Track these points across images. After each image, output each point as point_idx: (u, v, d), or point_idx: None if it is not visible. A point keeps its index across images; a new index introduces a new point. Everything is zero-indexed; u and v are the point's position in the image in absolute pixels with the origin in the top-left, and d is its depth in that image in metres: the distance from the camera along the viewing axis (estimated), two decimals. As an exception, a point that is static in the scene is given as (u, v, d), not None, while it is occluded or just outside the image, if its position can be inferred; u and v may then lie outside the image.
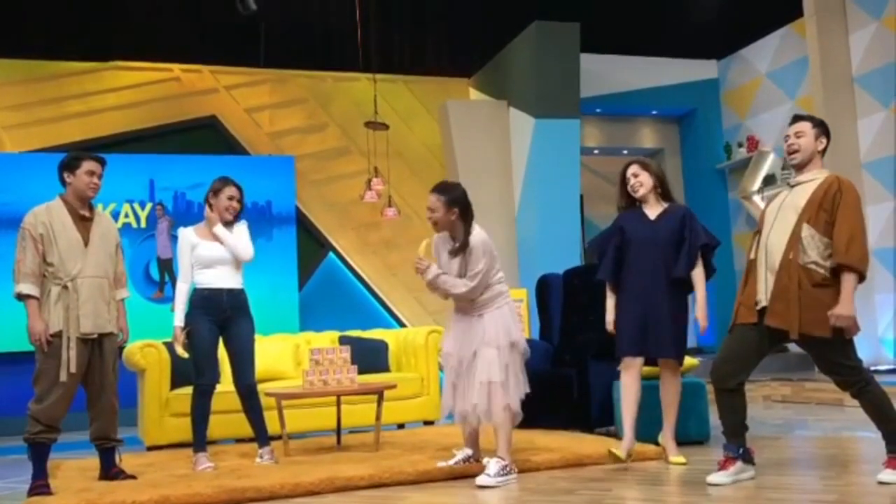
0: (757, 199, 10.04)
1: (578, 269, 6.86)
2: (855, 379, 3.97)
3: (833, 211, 3.80)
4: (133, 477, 4.55)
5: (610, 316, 4.64)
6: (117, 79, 9.69)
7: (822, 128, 4.02)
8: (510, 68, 9.97)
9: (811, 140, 3.98)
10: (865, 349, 8.42)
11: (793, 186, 4.02)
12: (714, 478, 3.89)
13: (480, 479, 4.17)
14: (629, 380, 4.53)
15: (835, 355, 3.96)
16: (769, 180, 9.88)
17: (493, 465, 4.21)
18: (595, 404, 5.63)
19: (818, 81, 8.74)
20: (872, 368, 8.16)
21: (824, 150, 4.02)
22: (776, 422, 6.47)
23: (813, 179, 3.94)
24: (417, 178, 10.39)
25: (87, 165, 4.41)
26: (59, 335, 4.23)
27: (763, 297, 3.93)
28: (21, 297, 4.26)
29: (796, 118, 4.11)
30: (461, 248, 4.47)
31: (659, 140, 11.14)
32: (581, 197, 9.55)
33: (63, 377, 4.19)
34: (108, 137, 9.48)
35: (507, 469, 4.23)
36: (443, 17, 10.33)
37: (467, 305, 4.46)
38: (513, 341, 4.36)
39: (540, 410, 5.89)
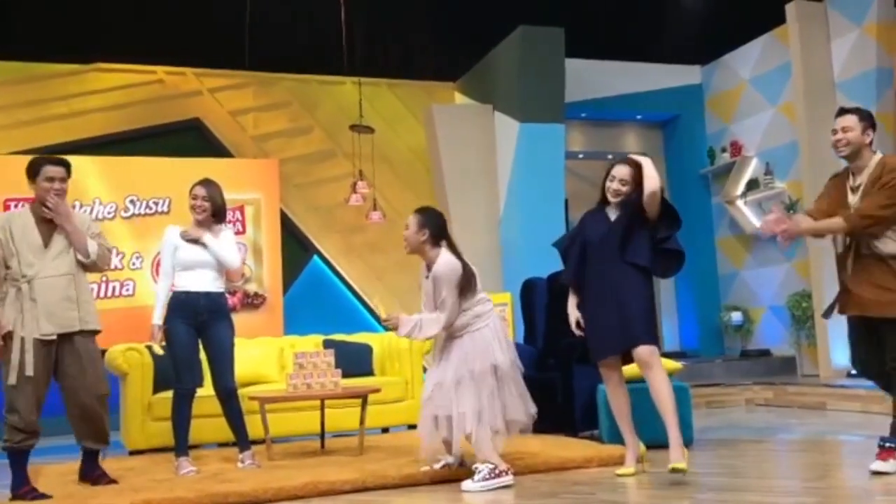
0: (740, 203, 10.10)
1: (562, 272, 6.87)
2: None
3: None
4: (114, 481, 4.51)
5: (572, 318, 4.49)
6: (100, 81, 9.62)
7: (869, 120, 4.11)
8: (495, 73, 9.99)
9: (858, 134, 4.07)
10: (846, 353, 8.47)
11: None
12: (874, 466, 3.92)
13: (465, 485, 4.16)
14: (611, 386, 4.46)
15: None
16: (752, 185, 9.94)
17: (480, 470, 4.18)
18: (579, 408, 5.65)
19: (800, 87, 8.81)
20: (853, 372, 8.21)
21: (871, 143, 4.12)
22: (759, 425, 6.50)
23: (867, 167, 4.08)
24: (402, 182, 10.38)
25: (46, 171, 4.36)
26: (9, 336, 4.19)
27: None
28: None
29: (842, 111, 4.18)
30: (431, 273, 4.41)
31: (643, 145, 11.19)
32: (566, 201, 9.57)
33: (12, 380, 4.13)
34: (91, 139, 9.40)
35: (496, 472, 4.15)
36: (428, 21, 10.32)
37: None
38: (494, 364, 4.24)
39: (524, 414, 5.92)
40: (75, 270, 4.42)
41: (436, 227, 4.47)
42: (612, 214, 4.48)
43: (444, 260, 4.39)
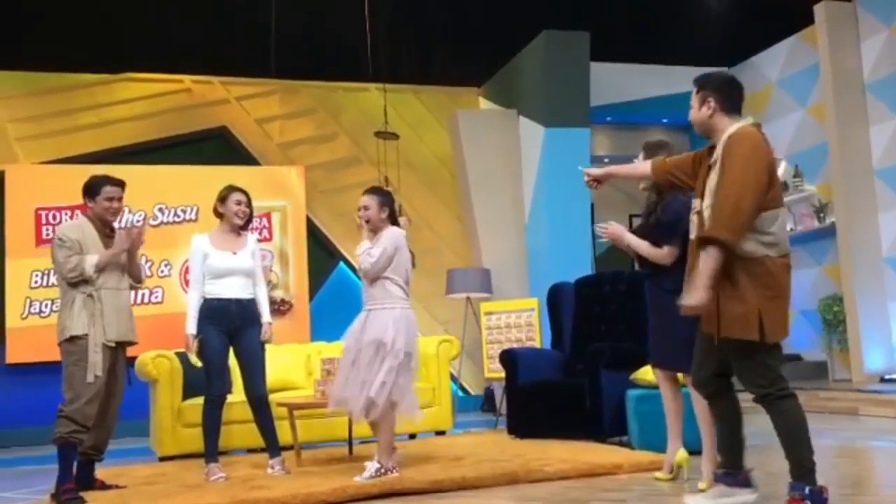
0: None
1: (590, 278, 6.85)
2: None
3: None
4: (121, 486, 4.63)
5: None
6: (129, 90, 9.74)
7: (705, 88, 3.51)
8: (520, 77, 9.98)
9: (696, 110, 3.56)
10: (879, 358, 8.37)
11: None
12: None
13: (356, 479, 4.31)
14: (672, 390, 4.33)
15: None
16: (781, 188, 9.83)
17: (368, 468, 4.39)
18: (607, 414, 5.60)
19: (829, 89, 8.71)
20: (886, 377, 8.10)
21: (716, 111, 3.46)
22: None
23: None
24: (428, 188, 10.39)
25: (107, 192, 4.62)
26: (84, 338, 4.39)
27: None
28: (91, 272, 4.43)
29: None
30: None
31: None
32: (592, 206, 9.53)
33: (90, 378, 4.35)
34: (120, 149, 9.52)
35: (382, 472, 4.39)
36: (452, 26, 10.33)
37: (366, 298, 4.66)
38: (395, 345, 4.46)
39: (552, 420, 5.90)
40: (126, 285, 4.68)
41: (392, 208, 4.83)
42: None
43: (396, 230, 4.74)
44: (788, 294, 3.39)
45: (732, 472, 3.49)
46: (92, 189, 4.63)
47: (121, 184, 4.70)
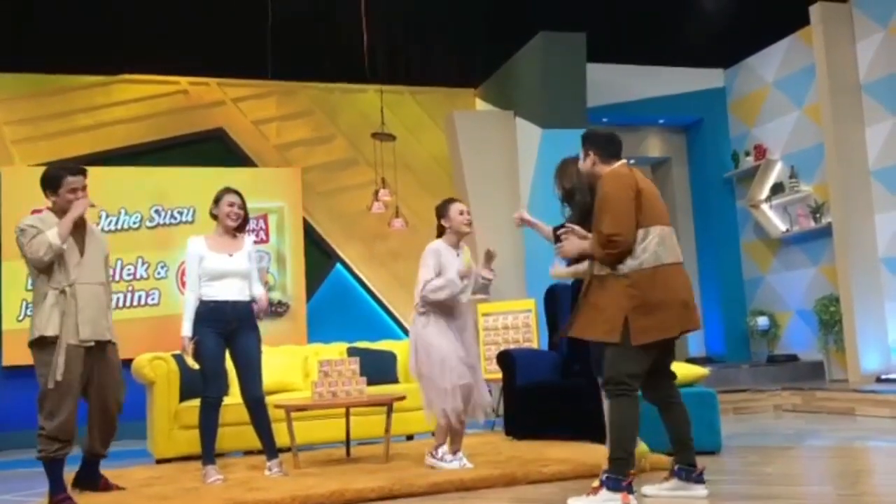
0: (765, 207, 10.02)
1: (587, 278, 6.83)
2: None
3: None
4: (122, 487, 4.59)
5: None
6: (125, 92, 9.73)
7: (586, 143, 4.11)
8: (517, 79, 9.98)
9: (581, 161, 4.13)
10: (875, 358, 8.38)
11: None
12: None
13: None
14: None
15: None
16: (777, 188, 9.85)
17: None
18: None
19: (825, 89, 8.72)
20: (883, 377, 8.11)
21: (594, 161, 4.03)
22: (787, 432, 6.43)
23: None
24: (425, 189, 10.39)
25: (70, 183, 4.32)
26: (54, 341, 4.16)
27: None
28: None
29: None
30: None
31: (666, 149, 11.13)
32: (588, 207, 9.52)
33: (50, 384, 4.11)
34: (116, 150, 9.51)
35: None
36: (448, 27, 10.33)
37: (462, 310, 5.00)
38: None
39: (549, 421, 5.90)
40: (105, 280, 4.49)
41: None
42: None
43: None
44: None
45: (687, 468, 3.87)
46: (52, 182, 4.33)
47: (82, 172, 4.39)
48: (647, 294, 3.71)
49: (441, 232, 4.99)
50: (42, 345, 4.19)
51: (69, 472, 4.44)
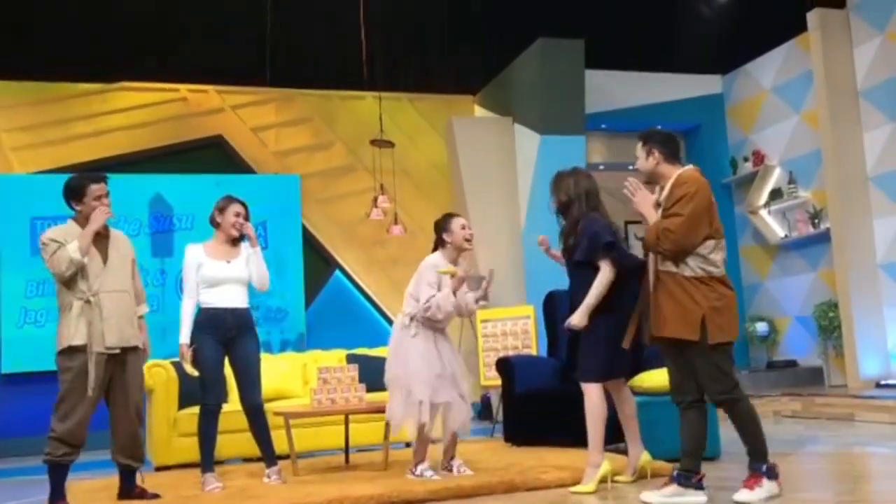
0: (763, 213, 10.03)
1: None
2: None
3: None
4: (157, 495, 4.54)
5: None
6: (124, 99, 9.75)
7: (650, 142, 4.07)
8: (515, 85, 10.00)
9: (643, 160, 4.09)
10: (874, 363, 8.38)
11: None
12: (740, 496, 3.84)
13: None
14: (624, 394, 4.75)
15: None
16: (776, 194, 9.87)
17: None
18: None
19: (823, 95, 8.74)
20: (882, 382, 8.11)
21: (660, 160, 4.05)
22: (787, 437, 6.42)
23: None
24: (423, 196, 10.40)
25: (94, 191, 4.39)
26: (83, 349, 4.22)
27: None
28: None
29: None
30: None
31: (664, 155, 11.15)
32: (587, 213, 9.53)
33: (90, 391, 4.18)
34: (115, 158, 9.52)
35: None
36: (447, 34, 10.36)
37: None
38: None
39: (549, 428, 5.89)
40: (129, 287, 4.51)
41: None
42: None
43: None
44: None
45: (688, 474, 3.87)
46: (76, 192, 4.41)
47: (104, 179, 4.47)
48: (719, 296, 3.86)
49: (437, 246, 4.96)
50: (69, 353, 4.25)
51: (76, 481, 4.43)
